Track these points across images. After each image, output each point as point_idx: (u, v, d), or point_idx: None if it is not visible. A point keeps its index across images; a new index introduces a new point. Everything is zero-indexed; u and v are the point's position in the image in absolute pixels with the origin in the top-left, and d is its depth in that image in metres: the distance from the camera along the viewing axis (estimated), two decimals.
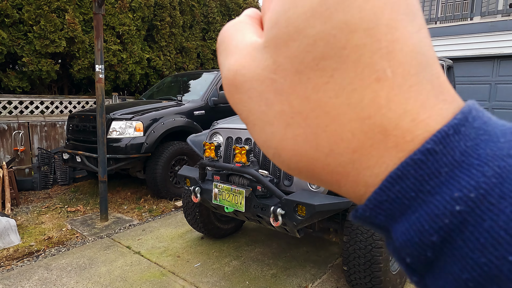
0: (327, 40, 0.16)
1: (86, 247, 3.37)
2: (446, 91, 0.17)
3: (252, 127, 0.19)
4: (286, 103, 0.17)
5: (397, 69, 0.15)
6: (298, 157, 0.17)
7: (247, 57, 0.18)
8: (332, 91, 0.16)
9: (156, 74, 7.84)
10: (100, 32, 3.72)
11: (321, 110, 0.16)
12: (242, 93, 0.19)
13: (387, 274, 2.26)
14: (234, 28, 0.21)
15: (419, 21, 0.17)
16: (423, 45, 0.16)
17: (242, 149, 2.34)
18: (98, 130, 3.88)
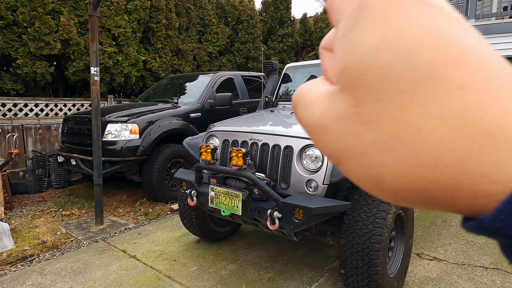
0: (398, 66, 0.17)
1: (81, 251, 3.33)
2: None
3: (347, 163, 0.19)
4: (376, 130, 0.18)
5: (475, 75, 0.16)
6: (402, 178, 0.17)
7: (327, 102, 0.20)
8: (419, 107, 0.17)
9: (152, 77, 7.82)
10: (95, 34, 3.70)
11: (413, 128, 0.17)
12: (330, 134, 0.20)
13: (385, 277, 2.25)
14: (308, 86, 0.23)
15: (475, 34, 0.18)
16: (489, 52, 0.17)
17: (238, 152, 2.32)
18: (93, 133, 3.85)
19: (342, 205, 2.15)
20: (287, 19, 11.41)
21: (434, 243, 3.39)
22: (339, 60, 0.19)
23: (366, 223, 2.20)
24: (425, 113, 0.16)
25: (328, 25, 12.57)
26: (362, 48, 0.18)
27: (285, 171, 2.42)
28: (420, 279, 2.76)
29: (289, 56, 11.46)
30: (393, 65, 0.17)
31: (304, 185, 2.32)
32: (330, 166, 2.24)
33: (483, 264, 2.97)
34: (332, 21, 0.21)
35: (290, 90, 4.12)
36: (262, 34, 10.43)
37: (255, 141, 2.58)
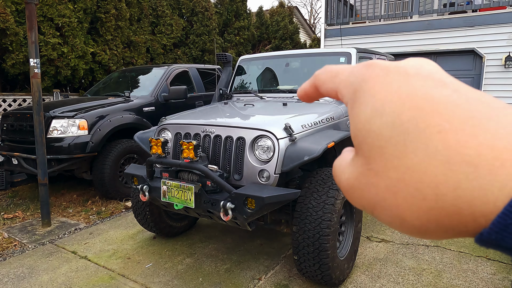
0: (388, 126, 0.21)
1: (25, 256, 3.13)
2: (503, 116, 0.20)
3: (375, 210, 0.23)
4: (385, 178, 0.21)
5: (451, 119, 0.20)
6: (416, 213, 0.21)
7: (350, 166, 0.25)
8: (411, 153, 0.20)
9: (102, 70, 7.44)
10: (33, 23, 3.44)
11: (411, 170, 0.20)
12: (356, 190, 0.24)
13: (335, 260, 2.36)
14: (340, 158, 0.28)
15: (451, 86, 0.22)
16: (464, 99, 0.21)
17: (189, 144, 2.29)
18: (36, 129, 3.60)
19: (292, 193, 2.21)
20: (243, 11, 11.37)
21: (383, 226, 3.60)
22: (351, 131, 0.24)
23: (316, 209, 2.28)
24: (417, 157, 0.20)
25: (284, 18, 12.72)
26: (361, 119, 0.23)
27: (237, 162, 2.43)
28: (369, 260, 2.92)
29: (246, 49, 11.45)
30: (383, 127, 0.21)
31: (256, 175, 2.35)
32: (281, 156, 2.29)
33: (425, 243, 3.21)
34: (345, 104, 0.27)
35: (245, 83, 4.13)
36: (218, 27, 10.31)
37: (208, 134, 2.57)
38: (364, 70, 0.25)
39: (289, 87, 3.67)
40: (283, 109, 2.98)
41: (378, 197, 0.22)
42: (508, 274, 2.67)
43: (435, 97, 0.21)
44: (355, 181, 0.24)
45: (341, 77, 0.27)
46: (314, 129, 2.64)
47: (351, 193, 0.25)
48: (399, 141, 0.21)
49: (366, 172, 0.23)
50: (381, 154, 0.22)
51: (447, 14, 8.09)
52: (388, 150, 0.21)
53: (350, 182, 0.25)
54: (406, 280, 2.63)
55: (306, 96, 0.32)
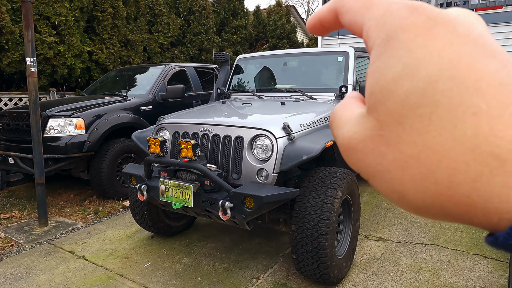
0: (417, 93, 0.18)
1: (22, 256, 3.11)
2: None
3: (373, 178, 0.22)
4: (397, 151, 0.19)
5: (491, 102, 0.17)
6: (421, 194, 0.19)
7: (356, 124, 0.22)
8: (435, 131, 0.18)
9: (98, 69, 7.41)
10: (29, 21, 3.42)
11: (430, 149, 0.18)
12: (358, 153, 0.22)
13: (334, 259, 2.36)
14: (342, 107, 0.25)
15: (501, 58, 0.19)
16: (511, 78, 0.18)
17: (188, 143, 2.29)
18: (32, 129, 3.58)
19: (291, 192, 2.21)
20: (240, 10, 11.36)
21: (380, 224, 3.62)
22: (368, 85, 0.21)
23: (315, 208, 2.29)
24: (440, 137, 0.18)
25: (281, 17, 12.72)
26: (387, 76, 0.20)
27: (236, 162, 2.43)
28: (367, 259, 2.93)
29: (243, 48, 11.44)
30: (412, 92, 0.19)
31: (255, 174, 2.35)
32: (280, 155, 2.29)
33: (423, 241, 3.22)
34: (367, 49, 0.23)
35: (243, 82, 4.13)
36: (215, 26, 10.30)
37: (206, 133, 2.56)
38: (406, 13, 0.20)
39: (287, 86, 3.67)
40: (281, 108, 2.99)
41: (381, 167, 0.20)
42: (505, 272, 2.69)
43: (480, 71, 0.18)
44: (360, 143, 0.22)
45: (375, 11, 0.22)
46: (312, 128, 2.64)
47: (350, 154, 0.23)
48: (425, 113, 0.18)
49: (375, 137, 0.21)
50: (399, 123, 0.19)
51: None
52: (410, 121, 0.19)
53: (353, 143, 0.22)
54: (403, 278, 2.64)
55: (320, 24, 0.26)
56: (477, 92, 0.18)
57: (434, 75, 0.18)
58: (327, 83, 3.59)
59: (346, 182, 2.46)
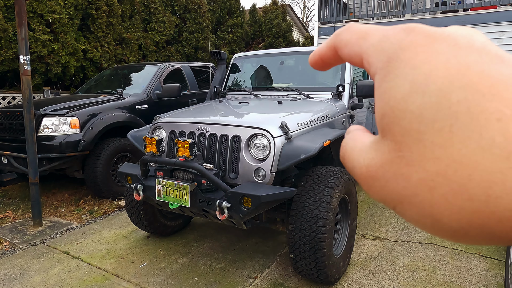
0: (431, 107, 0.18)
1: (16, 256, 3.07)
2: None
3: (401, 205, 0.20)
4: (421, 170, 0.18)
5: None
6: (456, 214, 0.17)
7: (372, 151, 0.21)
8: (459, 143, 0.17)
9: (93, 67, 7.34)
10: (23, 19, 3.37)
11: (456, 163, 0.17)
12: (379, 180, 0.20)
13: (331, 258, 2.36)
14: (351, 139, 0.24)
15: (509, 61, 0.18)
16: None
17: (184, 142, 2.27)
18: (26, 128, 3.54)
19: (289, 192, 2.20)
20: (236, 9, 11.32)
21: (377, 223, 3.62)
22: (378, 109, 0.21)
23: (312, 208, 2.28)
24: (466, 148, 0.17)
25: (277, 16, 12.71)
26: (396, 95, 0.19)
27: (233, 161, 2.42)
28: (364, 258, 2.93)
29: (239, 47, 11.42)
30: (426, 108, 0.18)
31: (252, 173, 2.33)
32: (277, 154, 2.28)
33: (419, 240, 3.23)
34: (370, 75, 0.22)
35: (240, 81, 4.11)
36: (211, 24, 10.25)
37: (203, 132, 2.54)
38: (402, 35, 0.20)
39: (284, 85, 3.66)
40: (279, 107, 2.97)
41: (407, 191, 0.19)
42: (501, 270, 2.71)
43: (493, 76, 0.17)
44: (379, 169, 0.20)
45: (371, 40, 0.22)
46: (310, 127, 2.63)
47: (371, 183, 0.21)
48: (444, 126, 0.17)
49: (395, 159, 0.19)
50: (418, 141, 0.18)
51: (439, 13, 8.16)
52: (429, 136, 0.18)
53: (371, 170, 0.21)
54: (400, 277, 2.64)
55: (321, 61, 0.27)
56: (495, 97, 0.17)
57: (445, 87, 0.17)
58: (324, 82, 3.58)
59: (343, 181, 2.46)
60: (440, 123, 0.17)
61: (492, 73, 0.17)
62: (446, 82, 0.18)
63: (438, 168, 0.17)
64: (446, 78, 0.18)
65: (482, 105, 0.17)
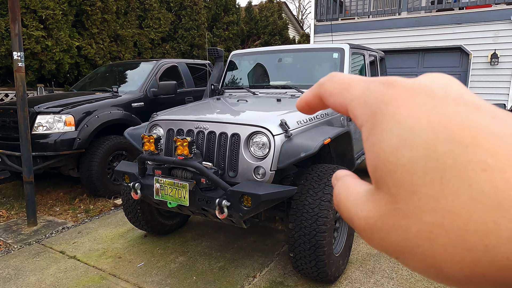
0: (420, 160, 0.18)
1: (11, 256, 3.02)
2: None
3: (403, 256, 0.20)
4: (419, 222, 0.18)
5: (496, 156, 0.17)
6: (458, 264, 0.18)
7: (368, 203, 0.21)
8: (451, 194, 0.17)
9: (88, 64, 7.25)
10: (16, 14, 3.30)
11: (451, 214, 0.17)
12: (379, 232, 0.20)
13: (331, 257, 2.35)
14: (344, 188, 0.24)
15: (487, 111, 0.18)
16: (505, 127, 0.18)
17: (183, 141, 2.24)
18: (20, 125, 3.47)
19: (289, 190, 2.18)
20: (231, 6, 11.26)
21: None
22: (369, 161, 0.21)
23: (313, 206, 2.26)
24: (458, 199, 0.17)
25: (273, 13, 12.66)
26: (385, 149, 0.19)
27: (232, 159, 2.39)
28: (363, 256, 2.93)
29: (235, 44, 11.36)
30: (415, 161, 0.18)
31: (252, 172, 2.31)
32: (277, 153, 2.26)
33: None
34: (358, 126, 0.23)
35: (237, 78, 4.08)
36: (206, 21, 10.19)
37: (201, 130, 2.51)
38: (383, 89, 0.21)
39: (282, 83, 3.63)
40: (277, 105, 2.95)
41: (408, 242, 0.19)
42: None
43: (473, 127, 0.18)
44: (378, 222, 0.20)
45: (354, 92, 0.23)
46: (309, 125, 2.62)
47: (371, 235, 0.21)
48: (435, 178, 0.18)
49: (392, 212, 0.20)
50: (412, 193, 0.18)
51: (435, 11, 8.18)
52: (422, 188, 0.18)
53: (370, 222, 0.21)
54: (399, 275, 2.64)
55: (308, 107, 0.28)
56: (478, 148, 0.17)
57: (430, 139, 0.18)
58: None
59: None
60: (430, 175, 0.18)
61: (472, 124, 0.18)
62: (431, 135, 0.18)
63: (435, 219, 0.18)
64: (430, 131, 0.18)
65: (466, 156, 0.17)
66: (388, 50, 8.07)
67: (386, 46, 8.15)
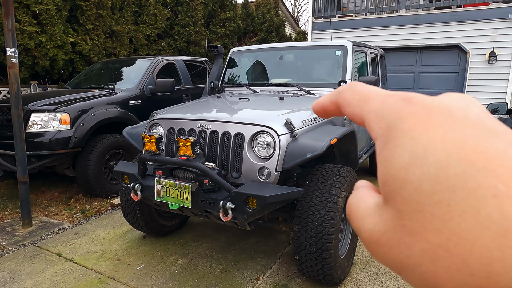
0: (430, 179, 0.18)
1: (5, 259, 2.93)
2: None
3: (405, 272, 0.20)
4: (423, 241, 0.18)
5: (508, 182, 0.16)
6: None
7: (375, 215, 0.21)
8: (458, 217, 0.17)
9: (82, 60, 7.11)
10: (10, 9, 3.19)
11: (457, 237, 0.17)
12: (383, 246, 0.20)
13: (337, 259, 2.30)
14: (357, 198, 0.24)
15: (505, 137, 0.18)
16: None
17: (186, 141, 2.16)
18: (14, 124, 3.37)
19: (296, 192, 2.12)
20: (228, 2, 11.14)
21: None
22: (379, 175, 0.21)
23: (319, 208, 2.21)
24: (465, 222, 0.17)
25: (270, 10, 12.57)
26: (396, 165, 0.19)
27: (236, 160, 2.33)
28: (367, 258, 2.89)
29: (232, 41, 11.26)
30: (425, 180, 0.18)
31: (256, 173, 2.25)
32: (282, 153, 2.19)
33: None
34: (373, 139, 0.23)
35: (237, 76, 4.00)
36: (203, 18, 10.06)
37: (204, 129, 2.44)
38: (401, 104, 0.21)
39: (283, 81, 3.57)
40: (281, 103, 2.89)
41: (411, 260, 0.19)
42: None
43: (488, 151, 0.17)
44: (382, 236, 0.20)
45: (372, 104, 0.23)
46: (313, 124, 2.56)
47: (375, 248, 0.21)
48: (443, 199, 0.17)
49: (397, 228, 0.19)
50: (418, 211, 0.18)
51: (433, 9, 8.16)
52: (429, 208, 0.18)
53: (375, 236, 0.21)
54: None
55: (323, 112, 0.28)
56: (491, 173, 0.17)
57: (443, 160, 0.18)
58: (325, 77, 3.51)
59: (349, 180, 2.40)
60: (439, 196, 0.18)
61: (487, 148, 0.18)
62: (443, 155, 0.18)
63: (440, 240, 0.18)
64: (443, 151, 0.18)
65: (478, 180, 0.17)
66: (386, 48, 8.03)
67: (384, 44, 8.11)
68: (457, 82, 7.76)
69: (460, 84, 7.70)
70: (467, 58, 7.51)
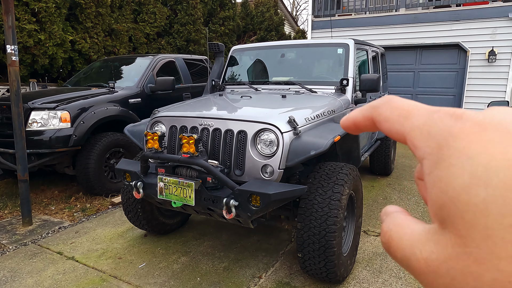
0: (497, 201, 0.17)
1: (6, 258, 2.91)
2: None
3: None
4: (494, 270, 0.17)
5: None
6: None
7: (430, 243, 0.19)
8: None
9: (82, 59, 7.08)
10: (10, 6, 3.17)
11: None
12: (443, 277, 0.19)
13: (340, 257, 2.29)
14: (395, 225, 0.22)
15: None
16: None
17: (190, 138, 2.15)
18: (14, 122, 3.35)
19: (299, 189, 2.12)
20: (227, 1, 11.12)
21: (378, 219, 3.58)
22: (433, 197, 0.20)
23: (322, 205, 2.20)
24: None
25: (269, 9, 12.55)
26: (454, 186, 0.18)
27: (239, 157, 2.32)
28: (369, 255, 2.89)
29: (231, 40, 11.24)
30: (491, 202, 0.17)
31: (259, 170, 2.24)
32: (285, 151, 2.19)
33: None
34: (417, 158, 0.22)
35: (239, 74, 3.99)
36: (202, 16, 10.04)
37: (206, 127, 2.43)
38: (450, 121, 0.20)
39: (285, 79, 3.56)
40: (283, 101, 2.88)
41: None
42: None
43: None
44: (442, 265, 0.19)
45: (415, 121, 0.22)
46: (316, 122, 2.55)
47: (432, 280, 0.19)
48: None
49: (461, 256, 0.18)
50: (487, 236, 0.17)
51: (432, 8, 8.16)
52: (499, 232, 0.16)
53: (432, 265, 0.19)
54: (407, 274, 2.60)
55: (355, 127, 0.27)
56: None
57: (509, 180, 0.17)
58: (327, 75, 3.50)
59: (352, 178, 2.39)
60: (509, 219, 0.16)
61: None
62: (509, 175, 0.17)
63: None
64: (508, 169, 0.17)
65: None
66: (385, 47, 8.03)
67: (384, 42, 8.11)
68: (456, 81, 7.77)
69: (460, 83, 7.71)
70: (466, 57, 7.52)
